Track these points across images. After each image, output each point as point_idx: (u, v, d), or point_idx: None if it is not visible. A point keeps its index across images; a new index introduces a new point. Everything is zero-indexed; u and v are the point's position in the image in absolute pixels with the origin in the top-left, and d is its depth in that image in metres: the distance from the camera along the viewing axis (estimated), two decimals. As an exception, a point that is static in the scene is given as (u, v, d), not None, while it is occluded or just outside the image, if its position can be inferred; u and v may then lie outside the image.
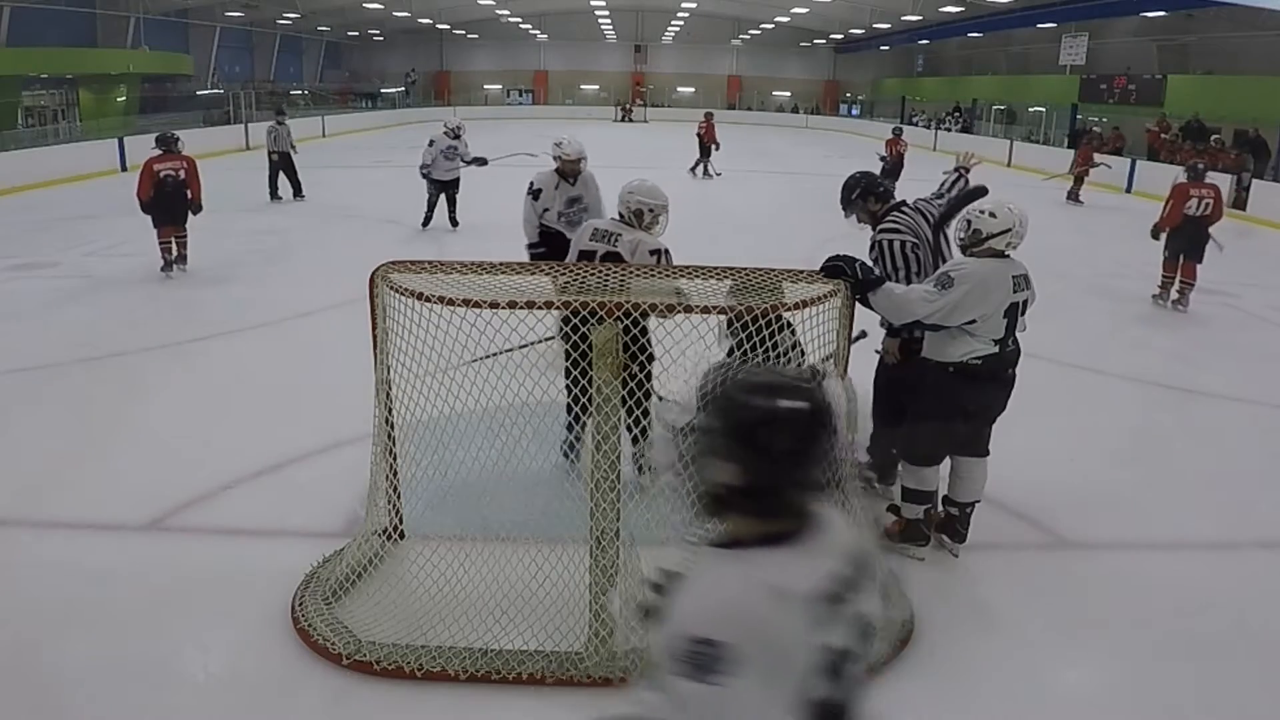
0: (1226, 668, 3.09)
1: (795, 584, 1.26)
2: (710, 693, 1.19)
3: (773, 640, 1.22)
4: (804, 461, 1.28)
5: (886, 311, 3.38)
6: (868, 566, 1.38)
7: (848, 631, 1.32)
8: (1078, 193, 15.53)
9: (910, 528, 3.65)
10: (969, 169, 4.31)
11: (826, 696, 1.30)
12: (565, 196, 6.02)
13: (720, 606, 1.25)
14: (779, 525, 1.31)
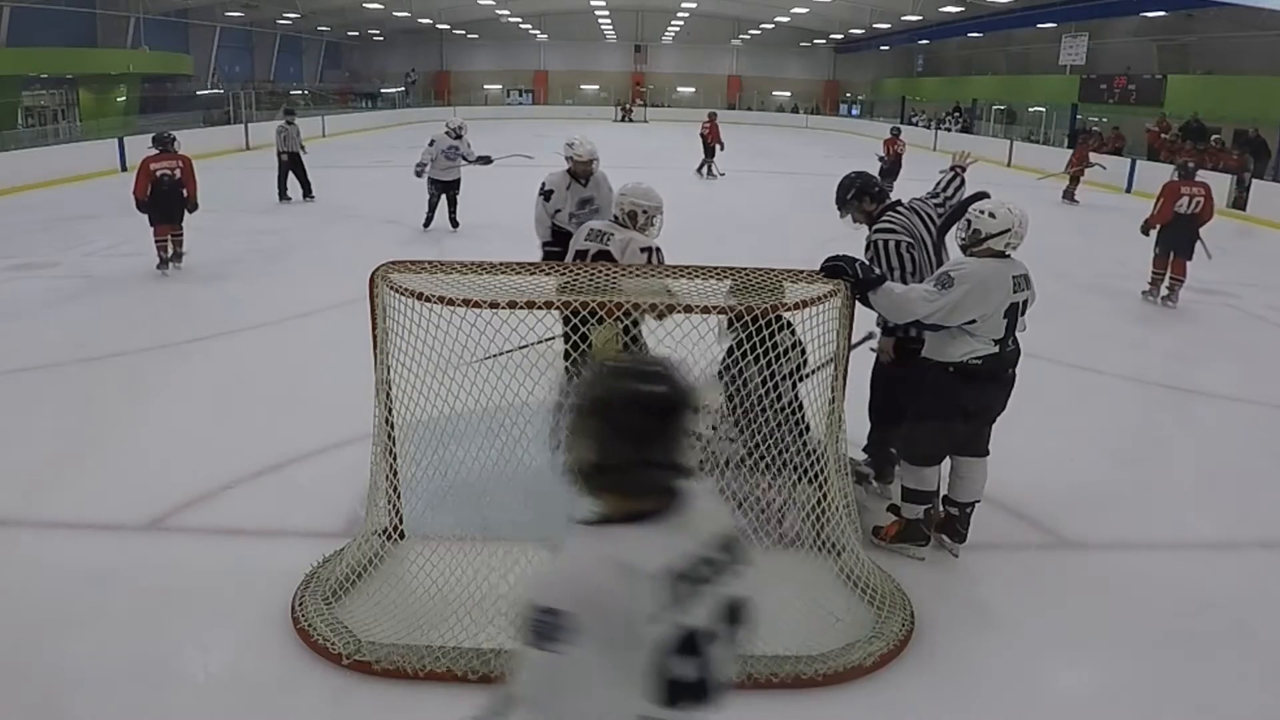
0: (1226, 668, 3.09)
1: (646, 561, 1.30)
2: (549, 659, 1.25)
3: (614, 613, 1.26)
4: (657, 442, 1.33)
5: (886, 311, 3.38)
6: (736, 551, 1.44)
7: (709, 613, 1.36)
8: (1073, 192, 15.56)
9: (910, 528, 3.66)
10: (965, 168, 4.32)
11: (684, 675, 1.34)
12: (577, 198, 5.93)
13: (566, 578, 1.31)
14: (641, 504, 1.35)
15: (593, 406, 1.35)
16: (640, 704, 1.32)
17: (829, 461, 3.30)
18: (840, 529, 3.30)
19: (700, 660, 1.36)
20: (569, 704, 1.28)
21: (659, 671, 1.32)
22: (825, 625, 3.06)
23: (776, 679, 2.82)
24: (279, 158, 12.86)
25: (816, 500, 3.43)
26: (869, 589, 3.24)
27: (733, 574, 1.42)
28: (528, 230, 6.15)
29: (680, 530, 1.37)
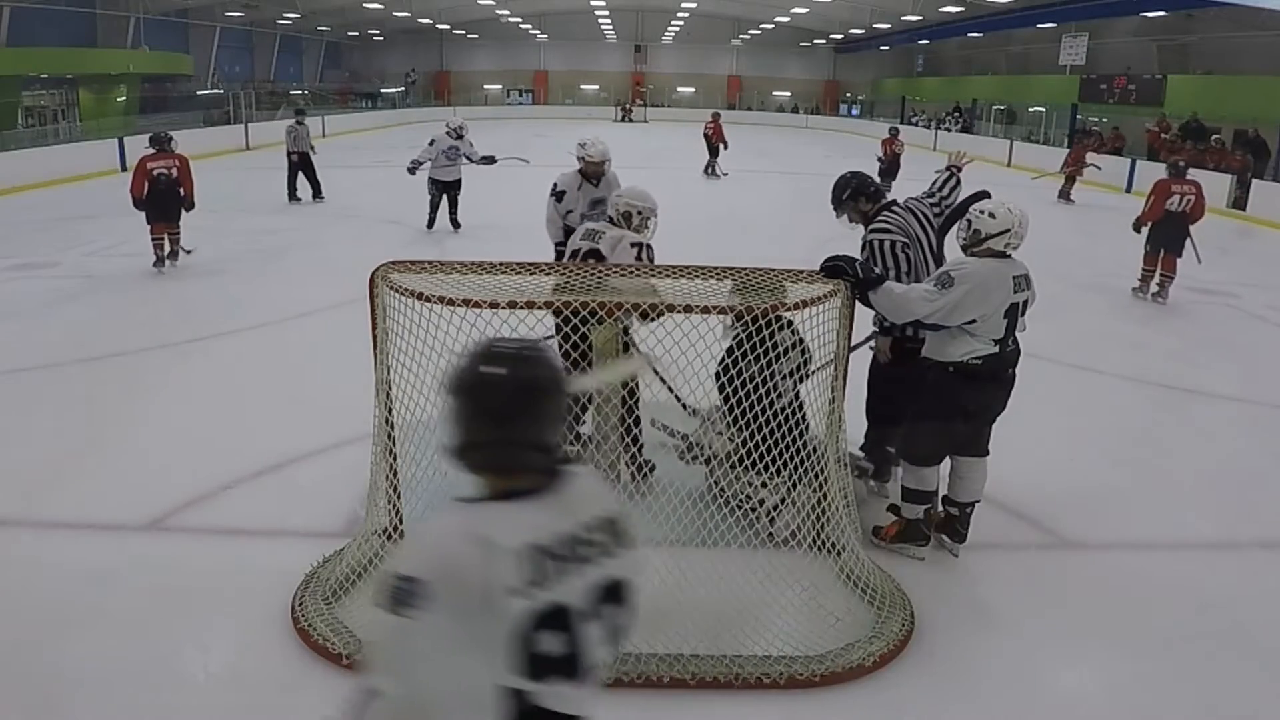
0: (1226, 668, 3.09)
1: (507, 537, 1.35)
2: (404, 625, 1.30)
3: (470, 584, 1.31)
4: (520, 422, 1.39)
5: (887, 310, 3.39)
6: (620, 534, 1.48)
7: (583, 592, 1.40)
8: (1069, 192, 15.58)
9: (910, 528, 3.66)
10: (961, 168, 4.32)
11: (550, 650, 1.38)
12: (589, 198, 5.85)
13: (425, 548, 1.38)
14: (513, 482, 1.41)
15: (459, 387, 1.41)
16: (502, 675, 1.36)
17: (829, 461, 3.30)
18: (840, 529, 3.30)
19: (569, 637, 1.40)
20: (424, 669, 1.32)
21: (522, 645, 1.35)
22: (825, 625, 3.06)
23: (776, 679, 2.82)
24: (289, 158, 12.77)
25: (816, 500, 3.43)
26: (869, 589, 3.24)
27: (613, 556, 1.46)
28: (527, 231, 6.15)
29: (555, 509, 1.41)
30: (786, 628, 2.99)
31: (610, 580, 1.46)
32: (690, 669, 2.83)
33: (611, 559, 1.46)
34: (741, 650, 2.92)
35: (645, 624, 2.98)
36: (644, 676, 2.81)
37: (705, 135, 17.50)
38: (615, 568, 1.47)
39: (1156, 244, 8.26)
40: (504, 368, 1.42)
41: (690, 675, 2.82)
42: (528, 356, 1.44)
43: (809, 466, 3.27)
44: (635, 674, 2.82)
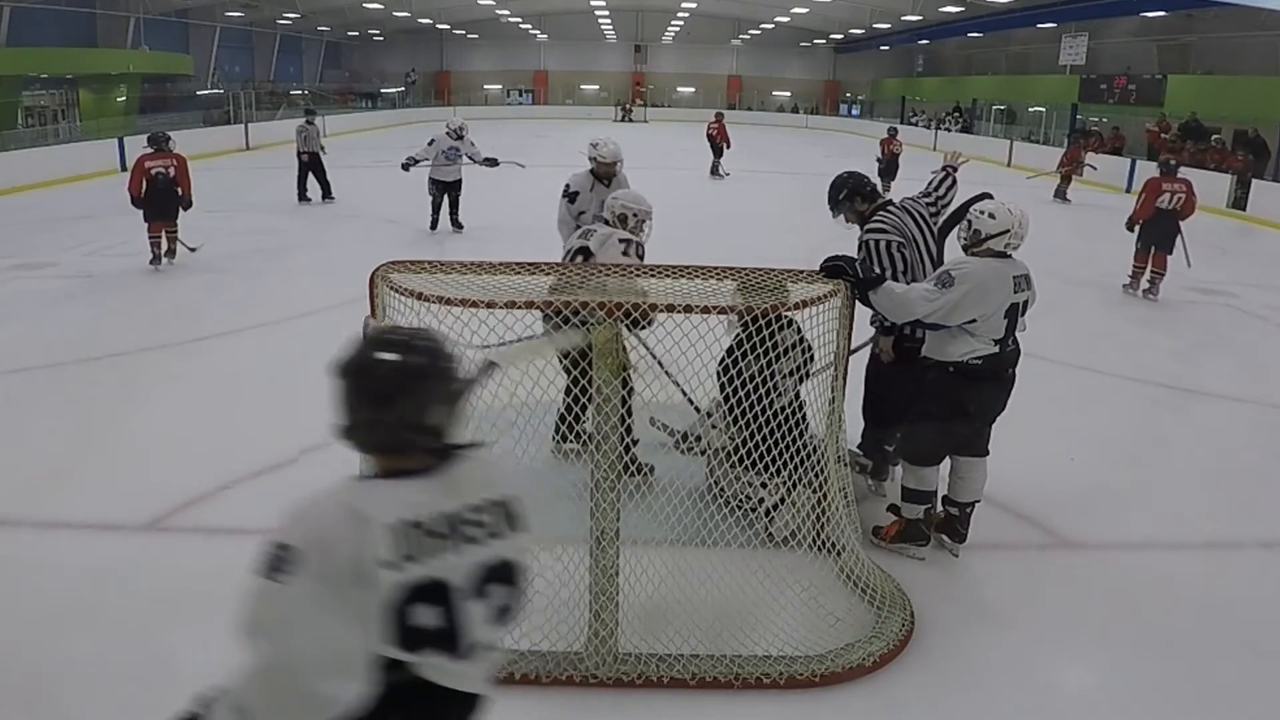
0: (1226, 668, 3.09)
1: (382, 512, 1.41)
2: (273, 589, 1.37)
3: (339, 555, 1.38)
4: (401, 405, 1.46)
5: (887, 310, 3.39)
6: (511, 518, 1.55)
7: (466, 570, 1.47)
8: (1065, 191, 15.62)
9: (910, 528, 3.66)
10: (956, 168, 4.34)
11: (425, 623, 1.44)
12: (601, 199, 5.69)
13: (301, 518, 1.45)
14: (398, 462, 1.49)
15: (344, 371, 1.49)
16: (376, 644, 1.41)
17: (829, 461, 3.30)
18: (840, 529, 3.30)
19: (446, 611, 1.46)
20: (293, 634, 1.38)
21: (396, 616, 1.41)
22: (825, 625, 3.06)
23: (776, 679, 2.82)
24: (299, 158, 12.68)
25: (816, 500, 3.43)
26: (869, 589, 3.24)
27: (502, 538, 1.53)
28: (528, 232, 6.14)
29: (439, 489, 1.48)
30: (786, 628, 2.99)
31: (498, 561, 1.52)
32: (690, 669, 2.83)
33: (500, 540, 1.52)
34: (741, 650, 2.92)
35: (645, 624, 2.99)
36: (644, 676, 2.81)
37: (709, 135, 17.42)
38: (503, 549, 1.53)
39: (1148, 241, 8.38)
40: (386, 353, 1.50)
41: (690, 675, 2.82)
42: (411, 343, 1.53)
43: (809, 466, 3.27)
44: (635, 674, 2.82)
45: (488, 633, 1.53)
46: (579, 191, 5.79)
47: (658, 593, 3.03)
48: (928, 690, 2.90)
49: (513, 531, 1.56)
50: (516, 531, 1.56)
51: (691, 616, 3.02)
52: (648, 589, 3.01)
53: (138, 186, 8.18)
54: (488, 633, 1.53)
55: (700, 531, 3.17)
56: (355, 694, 1.40)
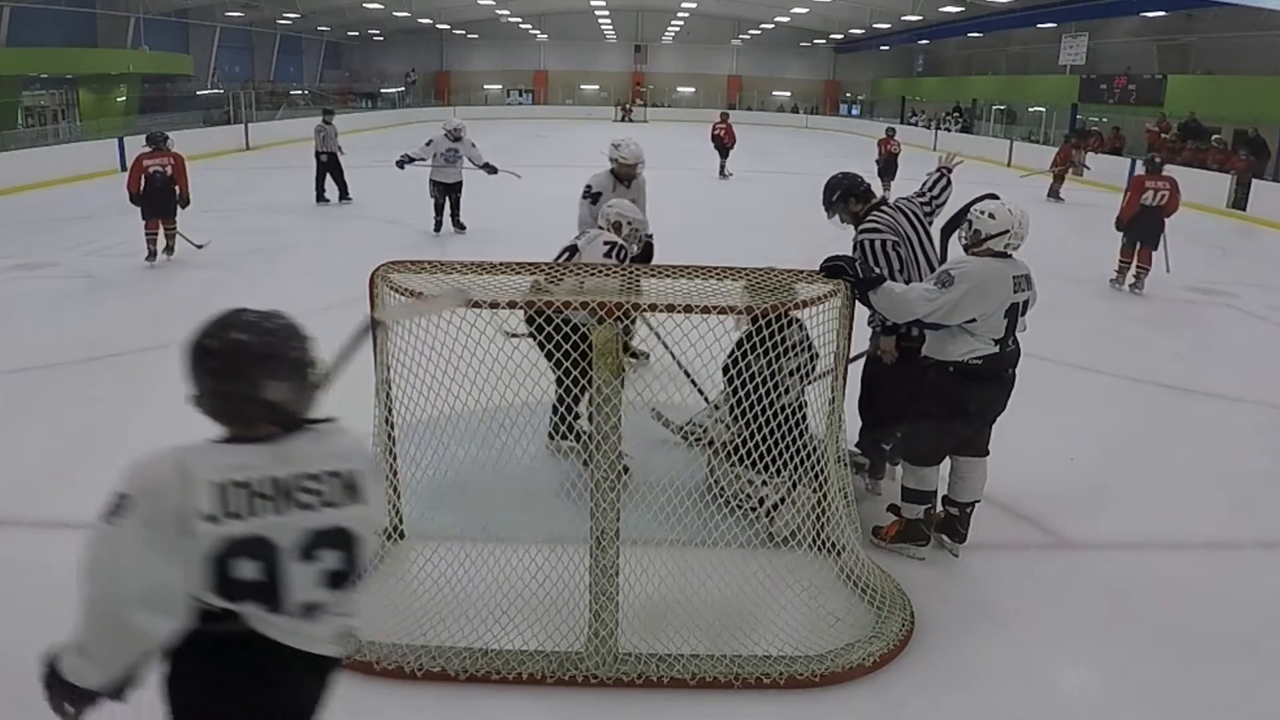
0: (1226, 668, 3.09)
1: (210, 472, 1.55)
2: (105, 529, 1.56)
3: (165, 505, 1.53)
4: (238, 380, 1.59)
5: (887, 310, 3.39)
6: (352, 490, 1.67)
7: (290, 531, 1.60)
8: (1058, 191, 15.65)
9: (910, 528, 3.66)
10: (951, 169, 4.38)
11: (243, 575, 1.57)
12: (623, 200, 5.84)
13: (137, 469, 1.59)
14: (237, 430, 1.63)
15: (191, 346, 1.62)
16: (197, 589, 1.56)
17: (829, 461, 3.30)
18: (840, 529, 3.30)
19: (267, 567, 1.59)
20: (119, 573, 1.54)
21: (217, 566, 1.55)
22: (825, 625, 3.06)
23: (776, 679, 2.82)
24: (318, 158, 12.58)
25: (817, 500, 3.43)
26: (869, 589, 3.24)
27: (337, 507, 1.64)
28: (528, 233, 6.13)
29: (274, 456, 1.61)
30: (786, 628, 2.99)
31: (330, 527, 1.64)
32: (690, 669, 2.83)
33: (334, 509, 1.64)
34: (741, 650, 2.92)
35: (645, 624, 2.99)
36: (644, 676, 2.81)
37: (716, 136, 17.39)
38: (338, 517, 1.65)
39: (1133, 237, 8.58)
40: (231, 332, 1.63)
41: (690, 675, 2.82)
42: (255, 323, 1.65)
43: (810, 466, 3.27)
44: (635, 674, 2.82)
45: (319, 595, 1.65)
46: (601, 192, 5.68)
47: (658, 593, 3.03)
48: (928, 690, 2.90)
49: (351, 502, 1.66)
50: (356, 503, 1.67)
51: (691, 616, 3.02)
52: (648, 589, 3.01)
53: (136, 184, 8.39)
54: (319, 595, 1.65)
55: (700, 531, 3.18)
56: (170, 630, 1.57)
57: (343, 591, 1.70)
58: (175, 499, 1.54)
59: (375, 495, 1.74)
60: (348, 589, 1.71)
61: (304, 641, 1.67)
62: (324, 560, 1.64)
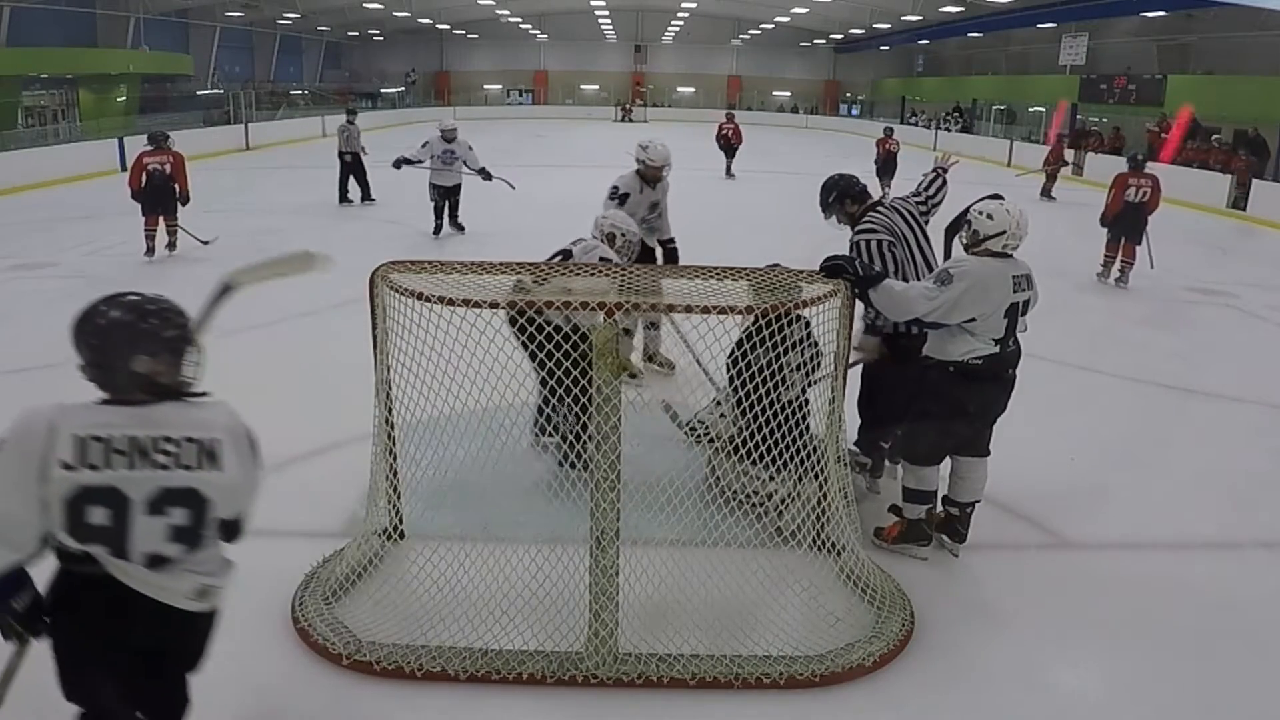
0: (1226, 668, 3.09)
1: (75, 427, 1.81)
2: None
3: (31, 450, 1.78)
4: (108, 353, 1.86)
5: (887, 308, 3.39)
6: (210, 457, 1.90)
7: (142, 486, 1.83)
8: (1050, 189, 15.67)
9: (912, 528, 3.66)
10: (947, 169, 4.42)
11: (94, 520, 1.81)
12: (648, 201, 5.62)
13: (17, 417, 1.83)
14: (110, 394, 1.90)
15: (75, 322, 1.88)
16: (56, 529, 1.83)
17: (829, 460, 3.30)
18: (840, 529, 3.30)
19: (116, 515, 1.82)
20: None
21: (71, 510, 1.80)
22: (825, 625, 3.06)
23: (776, 679, 2.82)
24: (341, 158, 12.50)
25: (818, 500, 3.43)
26: (869, 589, 3.24)
27: (190, 470, 1.88)
28: (527, 234, 6.11)
29: (138, 420, 1.87)
30: (786, 628, 2.99)
31: (182, 487, 1.87)
32: (690, 669, 2.83)
33: (187, 471, 1.87)
34: (741, 650, 2.92)
35: (645, 624, 2.99)
36: (644, 676, 2.81)
37: (724, 136, 17.43)
38: (189, 479, 1.87)
39: (1117, 232, 8.84)
40: (108, 310, 1.88)
41: (690, 675, 2.82)
42: (131, 304, 1.91)
43: (812, 463, 3.27)
44: (635, 674, 2.82)
45: (166, 548, 1.88)
46: (629, 193, 5.58)
47: (658, 593, 3.04)
48: (927, 690, 2.90)
49: (208, 468, 1.89)
50: (212, 469, 1.90)
51: (691, 616, 3.02)
52: (648, 589, 3.01)
53: (137, 181, 8.68)
54: (166, 548, 1.88)
55: (700, 531, 3.18)
56: (9, 561, 1.88)
57: (193, 549, 1.92)
58: (40, 446, 1.78)
59: (237, 464, 1.95)
60: (199, 547, 1.94)
61: (156, 591, 1.90)
62: (172, 516, 1.87)
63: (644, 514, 3.07)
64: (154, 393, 1.89)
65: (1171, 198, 15.69)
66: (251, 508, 2.13)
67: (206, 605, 2.02)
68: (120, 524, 1.83)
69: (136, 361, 1.86)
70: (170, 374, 1.92)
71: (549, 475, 3.43)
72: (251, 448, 2.07)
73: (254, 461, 2.07)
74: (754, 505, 3.67)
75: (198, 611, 2.00)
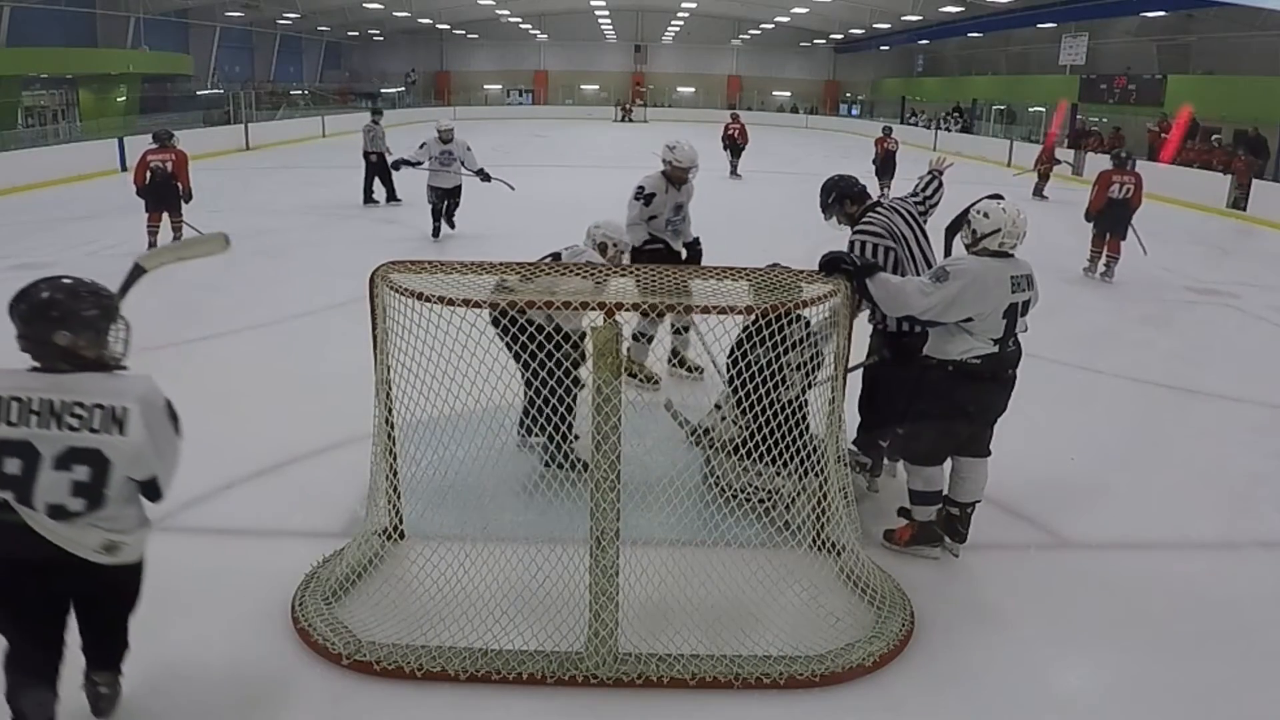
0: (1226, 668, 3.08)
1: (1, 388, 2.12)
2: None
3: None
4: (31, 325, 2.16)
5: (883, 301, 3.39)
6: (117, 422, 2.15)
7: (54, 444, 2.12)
8: (1042, 189, 15.68)
9: (923, 530, 3.65)
10: (943, 171, 4.47)
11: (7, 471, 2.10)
12: (673, 203, 5.50)
13: None
14: (39, 363, 2.18)
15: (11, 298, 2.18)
16: None
17: (829, 460, 3.30)
18: (840, 529, 3.30)
19: (25, 465, 2.10)
20: None
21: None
22: (825, 625, 3.06)
23: (776, 679, 2.82)
24: (366, 159, 12.41)
25: (818, 499, 3.44)
26: (869, 589, 3.24)
27: (96, 432, 2.13)
28: (527, 235, 6.10)
29: (55, 385, 2.14)
30: (786, 628, 2.99)
31: (87, 447, 2.13)
32: (690, 669, 2.83)
33: (94, 434, 2.13)
34: (741, 650, 2.92)
35: (645, 624, 2.99)
36: (644, 676, 2.81)
37: (730, 136, 17.46)
38: (95, 440, 2.13)
39: (1102, 228, 9.08)
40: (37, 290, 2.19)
41: (690, 675, 2.82)
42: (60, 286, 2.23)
43: (813, 463, 3.28)
44: (635, 674, 2.82)
45: (69, 501, 2.13)
46: (655, 193, 5.44)
47: (658, 593, 3.04)
48: (928, 690, 2.90)
49: (113, 433, 2.14)
50: (119, 434, 2.14)
51: (691, 616, 3.02)
52: (648, 589, 3.01)
53: (141, 178, 9.00)
54: (69, 501, 2.13)
55: (700, 530, 3.18)
56: None
57: (95, 504, 2.16)
58: None
59: (144, 431, 2.17)
60: (101, 504, 2.17)
61: (64, 541, 2.16)
62: (75, 473, 2.12)
63: (644, 514, 3.07)
64: (75, 364, 2.17)
65: (1172, 198, 15.79)
66: (170, 473, 2.33)
67: (116, 559, 2.24)
68: (29, 475, 2.09)
69: (59, 336, 2.14)
70: (93, 348, 2.20)
71: (562, 477, 3.43)
72: (168, 418, 2.26)
73: (168, 430, 2.26)
74: (758, 503, 3.67)
75: (116, 565, 2.26)
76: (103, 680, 2.54)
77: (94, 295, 2.26)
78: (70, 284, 2.23)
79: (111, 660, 2.55)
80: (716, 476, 3.81)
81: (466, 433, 3.17)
